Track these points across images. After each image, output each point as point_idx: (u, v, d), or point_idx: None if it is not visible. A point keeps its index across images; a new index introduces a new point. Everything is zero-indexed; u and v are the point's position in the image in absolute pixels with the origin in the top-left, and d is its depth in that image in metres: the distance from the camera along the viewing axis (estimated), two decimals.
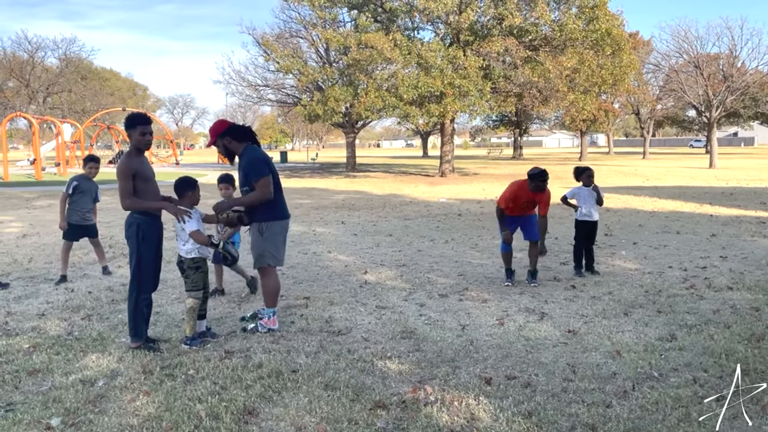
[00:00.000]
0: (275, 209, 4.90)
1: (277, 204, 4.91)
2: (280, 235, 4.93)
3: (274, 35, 30.13)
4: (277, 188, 4.92)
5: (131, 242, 4.48)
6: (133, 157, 4.50)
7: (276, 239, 4.90)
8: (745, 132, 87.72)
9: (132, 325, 4.52)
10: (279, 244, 4.93)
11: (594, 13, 23.20)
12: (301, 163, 46.90)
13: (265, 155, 4.94)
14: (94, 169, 7.14)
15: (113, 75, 67.45)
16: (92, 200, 7.17)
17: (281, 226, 4.94)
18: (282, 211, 4.96)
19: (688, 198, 16.03)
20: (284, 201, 5.01)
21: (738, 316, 5.19)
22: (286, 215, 5.01)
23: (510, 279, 6.68)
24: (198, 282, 4.71)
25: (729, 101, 33.30)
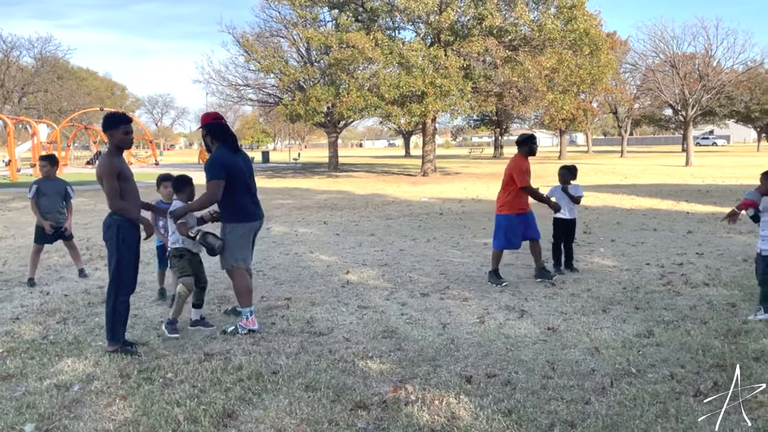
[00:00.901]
0: (241, 211, 4.92)
1: (244, 206, 4.94)
2: (244, 237, 4.95)
3: (255, 34, 29.96)
4: (245, 191, 4.94)
5: (111, 244, 4.42)
6: (115, 156, 4.46)
7: (240, 241, 4.92)
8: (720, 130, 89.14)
9: (109, 327, 4.46)
10: (243, 246, 4.95)
11: (572, 14, 23.42)
12: (283, 163, 46.69)
13: (226, 158, 4.85)
14: (44, 168, 6.86)
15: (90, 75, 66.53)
16: (62, 200, 6.94)
17: (247, 228, 4.96)
18: (248, 214, 4.97)
19: (665, 195, 16.25)
20: (252, 203, 5.02)
21: (714, 312, 5.27)
22: (252, 218, 5.00)
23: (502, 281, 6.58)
24: (185, 268, 4.91)
25: (705, 100, 33.83)
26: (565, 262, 7.15)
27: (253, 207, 5.02)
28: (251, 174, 5.09)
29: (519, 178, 6.51)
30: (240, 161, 4.96)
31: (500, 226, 6.70)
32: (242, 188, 4.92)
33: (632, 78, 46.50)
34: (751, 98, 50.99)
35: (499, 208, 6.74)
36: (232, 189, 4.85)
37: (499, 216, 6.73)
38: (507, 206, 6.65)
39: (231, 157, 4.90)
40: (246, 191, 4.96)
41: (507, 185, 6.65)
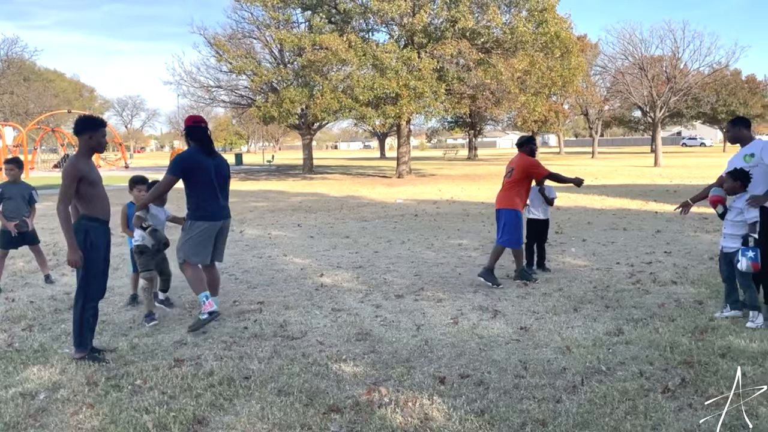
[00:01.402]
0: (200, 210, 5.12)
1: (205, 205, 5.12)
2: (200, 236, 5.12)
3: (227, 36, 29.65)
4: (209, 191, 5.11)
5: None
6: (83, 159, 4.37)
7: (195, 239, 5.11)
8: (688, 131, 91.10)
9: (77, 334, 4.36)
10: (197, 244, 5.12)
11: (543, 17, 23.72)
12: (257, 165, 46.34)
13: (188, 159, 5.10)
14: (11, 172, 6.73)
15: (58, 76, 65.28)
16: (26, 204, 6.81)
17: (204, 227, 5.11)
18: (207, 214, 5.12)
19: (634, 196, 16.53)
20: (215, 204, 5.15)
21: (682, 310, 5.37)
22: (212, 218, 5.14)
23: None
24: (145, 263, 5.39)
25: (672, 102, 34.55)
26: (537, 262, 7.22)
27: (215, 208, 5.15)
28: (224, 177, 5.24)
29: (540, 170, 6.74)
30: (209, 163, 5.11)
31: (517, 223, 6.67)
32: (206, 188, 5.09)
33: (602, 80, 47.30)
34: (717, 100, 52.30)
35: (515, 204, 6.70)
36: (195, 188, 5.09)
37: (515, 213, 6.67)
38: (522, 202, 6.78)
39: (196, 158, 5.09)
40: (210, 192, 5.11)
41: (518, 182, 6.71)
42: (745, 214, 4.93)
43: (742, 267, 4.84)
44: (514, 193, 6.71)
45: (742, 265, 4.83)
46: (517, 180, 6.72)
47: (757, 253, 4.82)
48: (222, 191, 5.24)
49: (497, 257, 6.66)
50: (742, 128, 5.39)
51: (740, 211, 4.98)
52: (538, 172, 6.76)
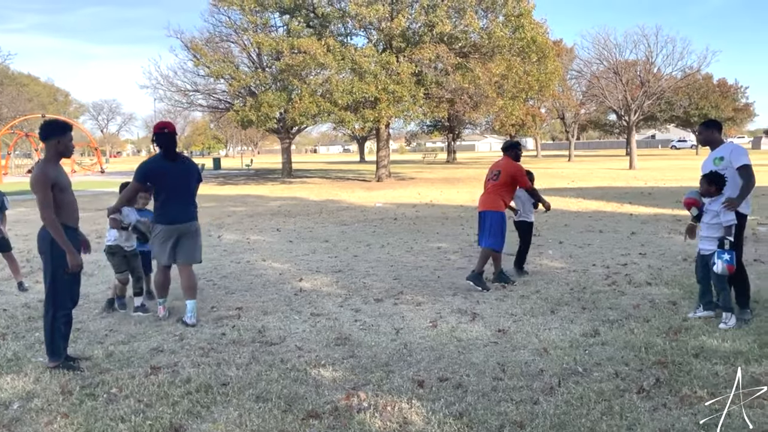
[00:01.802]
0: (161, 214, 5.42)
1: (165, 210, 5.39)
2: (160, 239, 5.43)
3: (204, 39, 29.40)
4: (170, 195, 5.37)
5: (46, 257, 4.25)
6: (51, 165, 4.27)
7: (157, 241, 5.46)
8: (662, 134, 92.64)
9: (49, 343, 4.29)
10: (159, 245, 5.44)
11: (520, 22, 23.97)
12: (235, 169, 46.01)
13: (150, 166, 5.40)
14: None
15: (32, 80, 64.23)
16: None
17: (165, 230, 5.40)
18: (168, 217, 5.40)
19: (610, 198, 16.76)
20: (176, 208, 5.40)
21: (656, 311, 5.46)
22: (171, 221, 5.39)
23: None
24: (117, 265, 5.81)
25: (646, 105, 35.10)
26: (516, 263, 7.27)
27: (176, 211, 5.40)
28: (187, 181, 5.47)
29: (525, 181, 6.85)
30: (172, 168, 5.37)
31: (502, 226, 6.73)
32: (167, 193, 5.37)
33: (578, 84, 47.83)
34: (689, 103, 53.23)
35: (500, 206, 6.74)
36: (158, 193, 5.40)
37: (500, 215, 6.72)
38: (506, 205, 6.83)
39: (158, 164, 5.37)
40: (171, 196, 5.37)
41: (504, 185, 6.77)
42: (721, 217, 4.99)
43: (717, 269, 4.90)
44: (499, 196, 6.76)
45: (718, 267, 4.89)
46: (503, 183, 6.78)
47: (733, 255, 4.90)
48: (185, 195, 5.46)
49: (486, 260, 6.68)
50: (714, 131, 5.46)
51: (716, 214, 5.02)
52: (523, 181, 6.86)
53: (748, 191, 5.06)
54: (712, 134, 5.47)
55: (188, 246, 5.51)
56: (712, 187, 5.14)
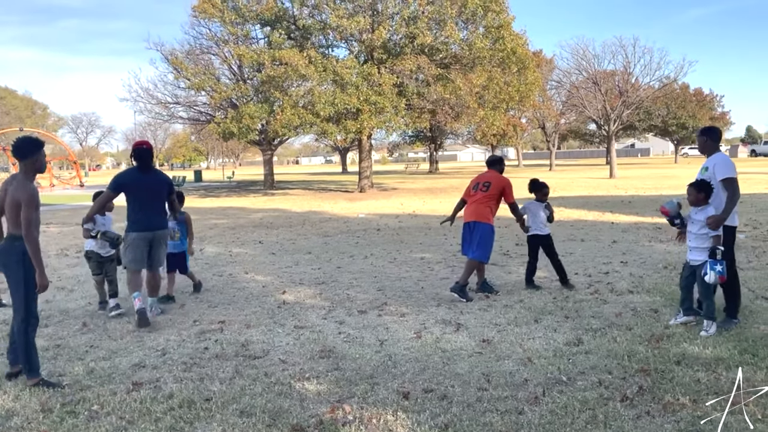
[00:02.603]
0: (131, 222, 5.95)
1: (135, 218, 5.92)
2: (132, 245, 5.93)
3: (184, 51, 29.34)
4: (138, 205, 5.91)
5: (14, 271, 4.18)
6: (32, 183, 4.28)
7: (132, 247, 5.94)
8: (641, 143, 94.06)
9: (26, 360, 4.21)
10: (131, 251, 5.93)
11: (500, 33, 24.26)
12: (216, 182, 45.74)
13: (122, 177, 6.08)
14: None
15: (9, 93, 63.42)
16: None
17: (134, 237, 5.92)
18: (136, 225, 5.92)
19: (591, 207, 16.94)
20: (144, 217, 5.91)
21: (639, 318, 5.51)
22: (139, 229, 5.91)
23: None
24: (93, 268, 6.42)
25: (625, 115, 35.61)
26: (560, 279, 6.98)
27: (145, 220, 5.92)
28: (156, 192, 6.03)
29: (511, 194, 6.84)
30: (144, 180, 5.93)
31: (490, 237, 6.74)
32: (136, 203, 5.92)
33: (558, 94, 48.42)
34: (667, 113, 54.11)
35: (489, 218, 6.74)
36: (129, 203, 5.94)
37: (490, 227, 6.72)
38: (494, 216, 6.82)
39: (129, 176, 6.02)
40: (139, 205, 5.92)
41: (493, 197, 6.79)
42: (708, 228, 5.04)
43: (710, 280, 4.88)
44: (488, 208, 6.78)
45: (710, 278, 4.87)
46: (492, 195, 6.81)
47: (725, 266, 4.93)
48: (154, 205, 6.01)
49: (471, 272, 6.67)
50: (706, 138, 5.36)
51: (703, 225, 5.05)
52: (511, 194, 6.86)
53: (733, 205, 5.03)
54: (704, 142, 5.38)
55: (157, 252, 6.06)
56: (701, 194, 5.16)
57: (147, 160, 6.01)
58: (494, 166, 7.12)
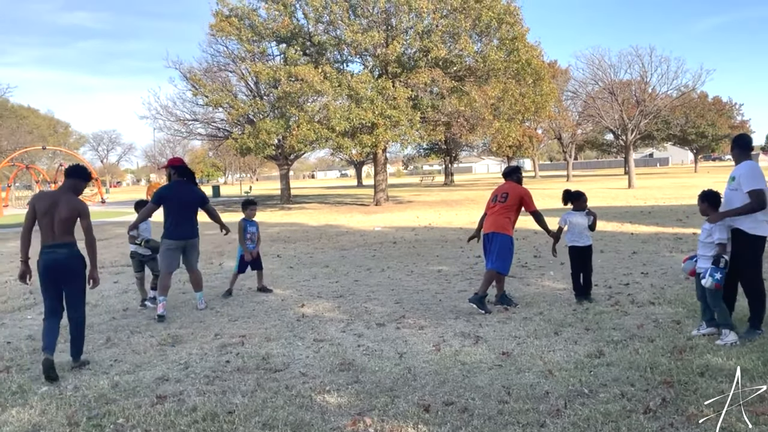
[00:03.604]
0: (166, 230, 6.83)
1: (169, 227, 6.82)
2: (166, 250, 6.82)
3: (202, 69, 29.76)
4: (171, 215, 6.80)
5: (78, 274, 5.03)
6: None
7: (166, 252, 6.83)
8: (660, 153, 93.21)
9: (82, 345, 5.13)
10: (165, 256, 6.83)
11: (514, 45, 24.29)
12: (234, 196, 46.12)
13: (160, 191, 6.95)
14: None
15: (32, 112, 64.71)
16: None
17: (168, 243, 6.81)
18: (169, 233, 6.82)
19: (610, 218, 16.80)
20: (177, 225, 6.80)
21: (660, 330, 5.46)
22: (172, 236, 6.81)
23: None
24: (135, 267, 7.55)
25: (643, 124, 35.41)
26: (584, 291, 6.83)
27: (175, 228, 6.81)
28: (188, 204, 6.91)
29: (531, 202, 6.82)
30: (176, 194, 6.88)
31: (510, 249, 6.73)
32: (170, 214, 6.82)
33: (574, 105, 48.26)
34: (686, 122, 53.68)
35: (508, 229, 6.73)
36: (165, 214, 6.81)
37: (509, 238, 6.70)
38: (513, 227, 6.81)
39: (168, 189, 6.95)
40: (174, 217, 6.80)
41: (512, 208, 6.78)
42: (713, 236, 5.03)
43: (706, 284, 4.93)
44: (507, 219, 6.77)
45: (707, 282, 4.91)
46: (511, 206, 6.79)
47: (724, 275, 4.92)
48: (186, 216, 6.86)
49: (490, 283, 6.65)
50: (734, 148, 5.26)
51: (710, 233, 5.06)
52: (530, 201, 6.82)
53: (746, 211, 4.94)
54: (732, 151, 5.28)
55: (191, 257, 7.00)
56: (704, 204, 5.18)
57: (182, 175, 7.01)
58: (511, 176, 7.10)
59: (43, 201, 4.99)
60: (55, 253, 4.92)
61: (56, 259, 4.91)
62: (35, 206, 4.99)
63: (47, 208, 4.92)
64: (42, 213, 4.93)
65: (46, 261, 4.92)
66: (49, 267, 4.91)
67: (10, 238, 17.24)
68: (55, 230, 4.94)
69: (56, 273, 4.92)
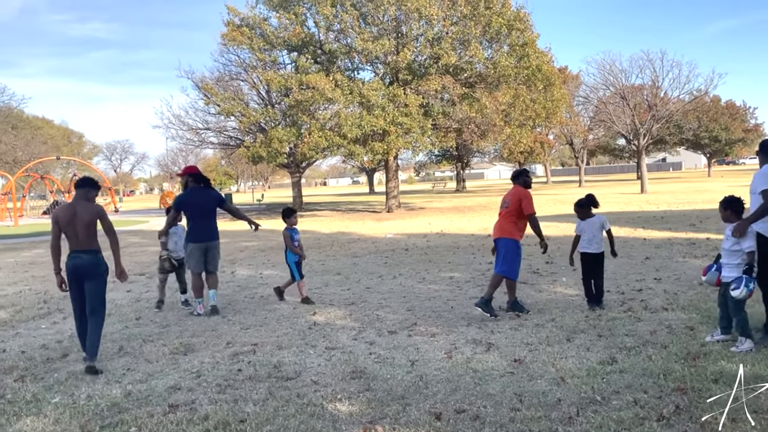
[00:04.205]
0: (190, 234, 7.38)
1: (192, 231, 7.35)
2: (193, 252, 7.32)
3: (214, 78, 30.02)
4: (195, 219, 7.33)
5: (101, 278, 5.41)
6: None
7: (191, 254, 7.35)
8: (672, 157, 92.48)
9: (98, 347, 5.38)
10: (193, 257, 7.33)
11: (524, 51, 24.31)
12: (247, 204, 46.36)
13: (180, 197, 7.53)
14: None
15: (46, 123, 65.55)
16: None
17: (194, 246, 7.32)
18: (194, 236, 7.33)
19: (622, 223, 16.69)
20: (199, 228, 7.31)
21: (674, 336, 5.41)
22: (196, 240, 7.32)
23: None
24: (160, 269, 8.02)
25: (655, 129, 35.19)
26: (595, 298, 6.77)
27: (198, 232, 7.32)
28: (206, 208, 7.38)
29: (531, 205, 6.73)
30: (194, 199, 7.38)
31: (517, 253, 6.69)
32: (190, 218, 7.36)
33: (585, 110, 48.09)
34: (699, 126, 53.26)
35: (513, 234, 6.69)
36: (189, 218, 7.36)
37: (514, 242, 6.67)
38: (521, 232, 6.75)
39: (185, 196, 7.47)
40: (193, 220, 7.34)
41: (514, 212, 6.74)
42: (742, 244, 4.94)
43: (740, 295, 4.80)
44: (512, 223, 6.75)
45: (741, 293, 4.79)
46: (513, 210, 6.77)
47: (755, 284, 4.85)
48: (205, 220, 7.33)
49: (496, 287, 6.65)
50: (758, 151, 5.20)
51: (736, 241, 4.97)
52: (528, 204, 6.71)
53: (761, 212, 4.89)
54: (759, 155, 5.19)
55: (214, 259, 7.44)
56: (727, 211, 5.10)
57: (199, 181, 7.48)
58: (517, 180, 7.04)
59: (64, 213, 5.40)
60: (79, 258, 5.33)
61: (80, 264, 5.32)
62: (58, 219, 5.37)
63: (69, 218, 5.32)
64: (65, 223, 5.33)
65: (71, 265, 5.34)
66: (73, 271, 5.32)
67: (25, 248, 17.45)
68: (80, 236, 5.33)
69: (79, 276, 5.32)
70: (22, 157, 46.18)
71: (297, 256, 8.00)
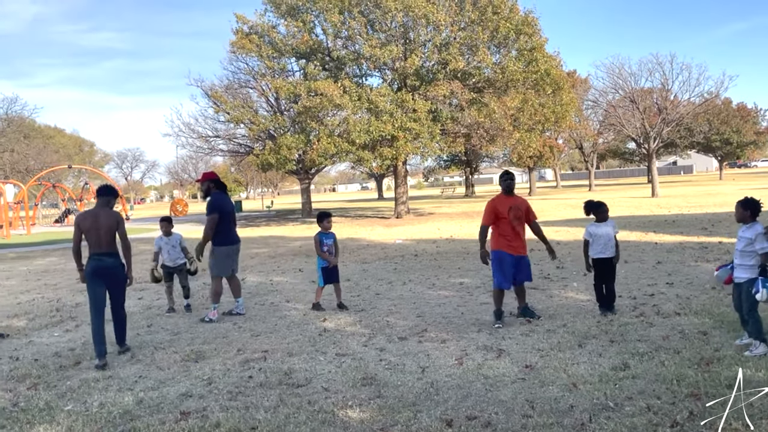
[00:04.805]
0: (222, 238, 7.46)
1: (225, 234, 7.48)
2: (223, 256, 7.47)
3: (223, 86, 30.24)
4: (227, 222, 7.48)
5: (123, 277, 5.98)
6: None
7: (219, 259, 7.46)
8: (683, 160, 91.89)
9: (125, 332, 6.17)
10: (222, 262, 7.48)
11: (533, 55, 24.25)
12: (256, 211, 46.52)
13: (216, 201, 7.49)
14: None
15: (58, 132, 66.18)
16: None
17: (226, 250, 7.50)
18: (226, 240, 7.50)
19: (633, 227, 16.58)
20: (230, 231, 7.53)
21: (687, 341, 5.36)
22: (229, 242, 7.54)
23: (500, 321, 6.47)
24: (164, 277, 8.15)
25: (665, 132, 34.95)
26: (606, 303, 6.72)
27: (232, 234, 7.58)
28: (229, 212, 7.58)
29: (485, 215, 6.80)
30: (227, 202, 7.63)
31: (494, 261, 6.74)
32: (226, 221, 7.48)
33: (595, 114, 47.92)
34: (710, 129, 52.84)
35: (492, 243, 6.82)
36: (221, 222, 7.41)
37: (494, 252, 6.75)
38: (501, 240, 6.73)
39: (221, 199, 7.56)
40: (228, 222, 7.50)
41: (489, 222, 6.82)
42: (756, 245, 4.90)
43: (762, 298, 4.73)
44: (493, 233, 6.82)
45: (763, 296, 4.72)
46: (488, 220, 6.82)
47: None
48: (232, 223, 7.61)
49: (495, 298, 6.69)
50: None
51: (750, 242, 4.93)
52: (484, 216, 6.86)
53: None
54: None
55: (238, 260, 7.74)
56: (746, 211, 5.05)
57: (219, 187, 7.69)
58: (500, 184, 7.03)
59: (86, 219, 5.90)
60: (102, 260, 5.80)
61: (104, 266, 5.81)
62: (80, 225, 5.87)
63: (91, 224, 5.82)
64: (87, 228, 5.82)
65: (95, 266, 5.77)
66: (96, 271, 5.76)
67: (37, 256, 17.60)
68: (102, 240, 5.81)
69: (103, 277, 5.79)
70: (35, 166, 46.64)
71: (326, 261, 7.86)
